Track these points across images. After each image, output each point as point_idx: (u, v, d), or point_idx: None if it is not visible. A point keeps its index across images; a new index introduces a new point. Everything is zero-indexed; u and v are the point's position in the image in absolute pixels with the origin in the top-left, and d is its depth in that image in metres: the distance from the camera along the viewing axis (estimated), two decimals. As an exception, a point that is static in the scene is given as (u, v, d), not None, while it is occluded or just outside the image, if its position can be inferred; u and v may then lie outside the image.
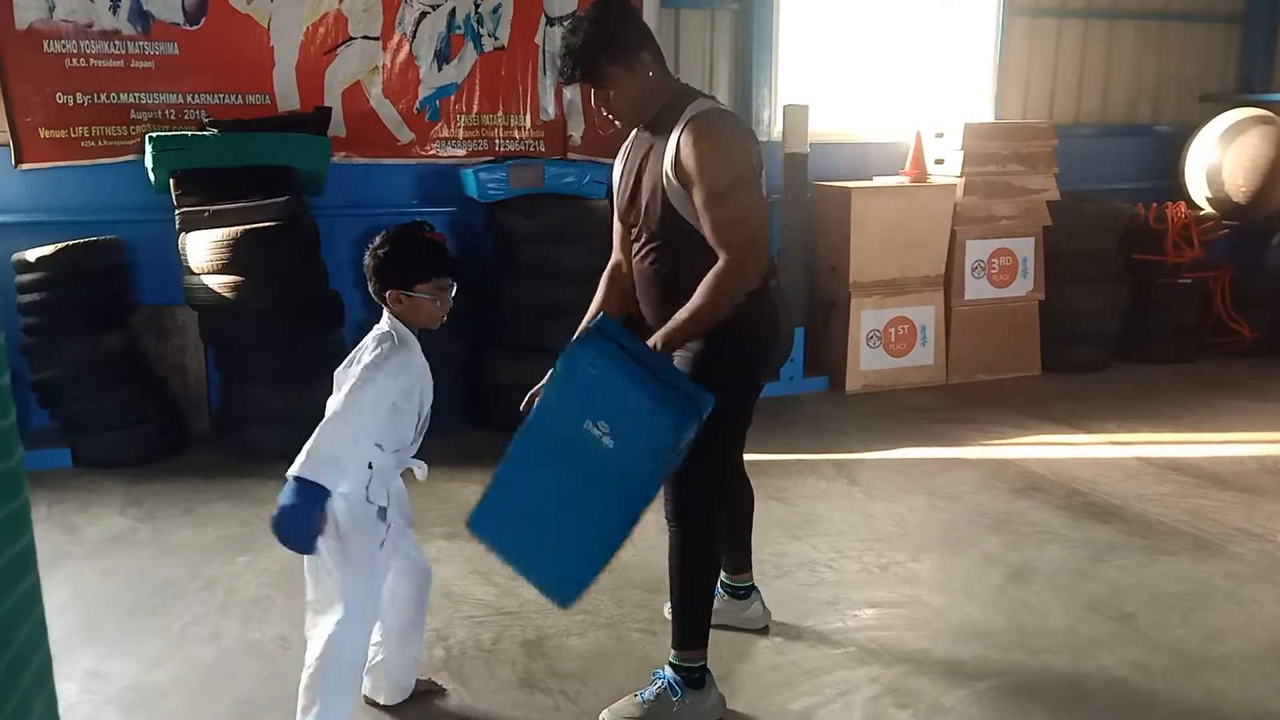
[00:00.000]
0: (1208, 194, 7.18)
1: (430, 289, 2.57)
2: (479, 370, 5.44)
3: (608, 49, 2.62)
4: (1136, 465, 4.93)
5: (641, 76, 2.66)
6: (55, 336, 4.82)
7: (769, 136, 6.48)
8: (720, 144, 2.59)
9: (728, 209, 2.55)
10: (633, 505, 2.43)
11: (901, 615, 3.45)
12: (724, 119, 2.64)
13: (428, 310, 2.59)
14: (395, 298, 2.57)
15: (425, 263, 2.58)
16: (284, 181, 5.04)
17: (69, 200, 5.22)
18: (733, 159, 2.59)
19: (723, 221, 2.55)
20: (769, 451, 5.03)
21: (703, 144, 2.56)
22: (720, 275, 2.55)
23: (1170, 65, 7.66)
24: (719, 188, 2.55)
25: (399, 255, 2.56)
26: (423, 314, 2.59)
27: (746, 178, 2.60)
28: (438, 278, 2.58)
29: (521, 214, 5.40)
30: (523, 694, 2.99)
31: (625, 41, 2.64)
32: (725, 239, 2.56)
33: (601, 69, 2.64)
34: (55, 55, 5.11)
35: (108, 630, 3.36)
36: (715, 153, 2.57)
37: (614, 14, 2.67)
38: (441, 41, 5.77)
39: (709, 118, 2.61)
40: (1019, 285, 6.63)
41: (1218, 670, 3.10)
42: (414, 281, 2.55)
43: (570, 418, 2.38)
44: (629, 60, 2.64)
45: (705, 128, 2.58)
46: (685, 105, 2.65)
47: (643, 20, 2.80)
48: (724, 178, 2.55)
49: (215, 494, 4.53)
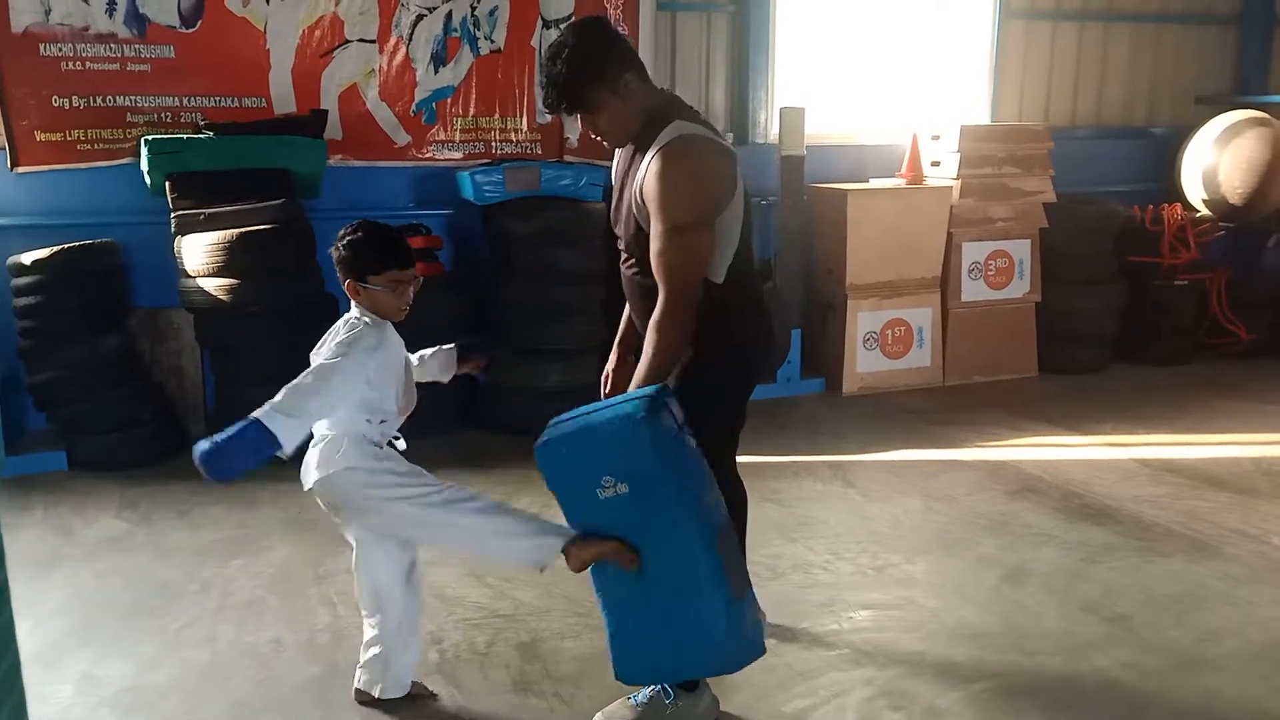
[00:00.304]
0: (1204, 196, 7.18)
1: (385, 281, 2.63)
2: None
3: (591, 77, 2.60)
4: (1132, 467, 4.93)
5: (626, 98, 2.64)
6: (51, 339, 4.83)
7: (765, 139, 6.49)
8: (681, 180, 2.56)
9: (672, 247, 2.56)
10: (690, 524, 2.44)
11: (896, 617, 3.45)
12: (692, 150, 2.59)
13: (385, 302, 2.66)
14: (353, 289, 2.65)
15: (379, 256, 2.64)
16: (280, 184, 5.05)
17: (65, 203, 5.22)
18: (691, 197, 2.57)
19: (664, 259, 2.57)
20: (765, 453, 5.03)
21: (666, 178, 2.55)
22: (657, 323, 2.58)
23: (1166, 67, 7.67)
24: (669, 225, 2.55)
25: (355, 248, 2.64)
26: (381, 306, 2.66)
27: (700, 218, 2.58)
28: (392, 270, 2.64)
29: (518, 216, 5.40)
30: (517, 697, 2.98)
31: (608, 66, 2.61)
32: (662, 277, 2.59)
33: (586, 98, 2.63)
34: (51, 58, 5.12)
35: (104, 632, 3.36)
36: (674, 189, 2.55)
37: (594, 38, 2.64)
38: (438, 44, 5.77)
39: (676, 149, 2.57)
40: (1015, 287, 6.64)
41: (1213, 671, 3.10)
42: (368, 274, 2.63)
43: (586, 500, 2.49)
44: (613, 84, 2.62)
45: (671, 160, 2.56)
46: (664, 126, 2.62)
47: (622, 36, 2.78)
48: (676, 216, 2.55)
49: (211, 497, 4.52)
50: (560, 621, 3.41)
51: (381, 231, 2.70)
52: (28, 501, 4.49)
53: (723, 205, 2.63)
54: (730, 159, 2.68)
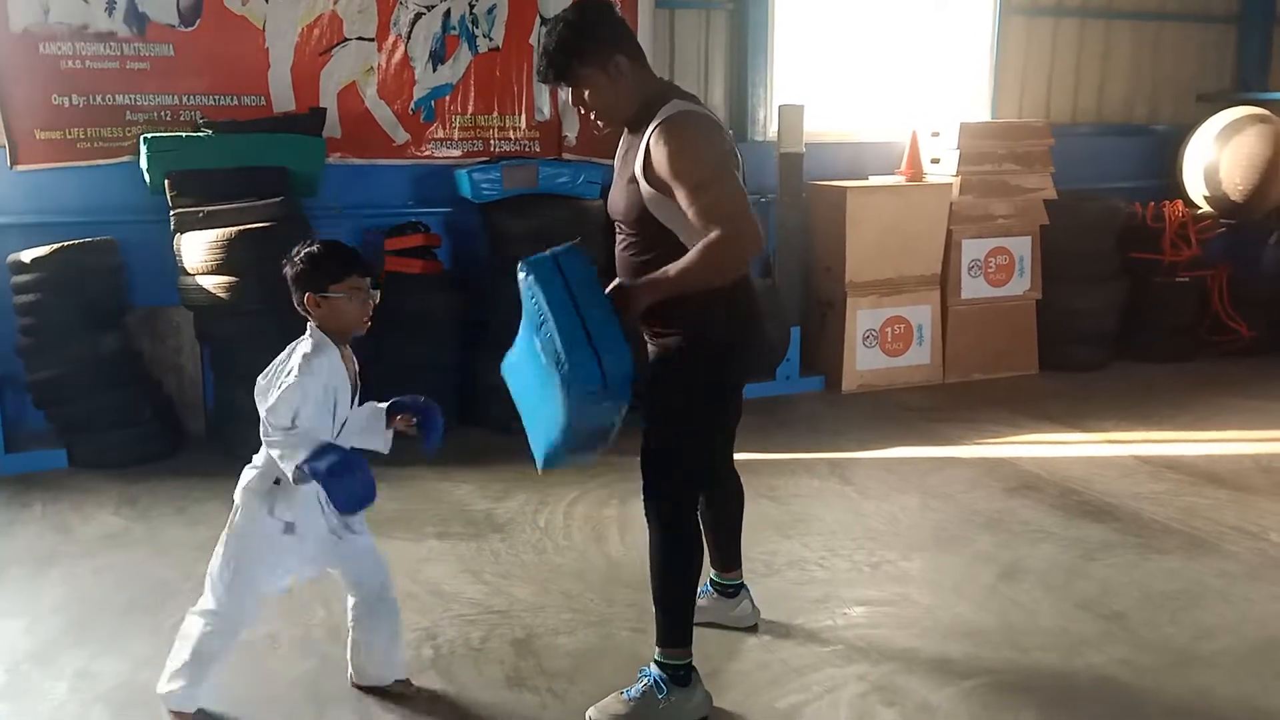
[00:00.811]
0: (1205, 193, 7.17)
1: (344, 288, 2.62)
2: (472, 370, 5.44)
3: (580, 50, 2.64)
4: (1132, 464, 4.93)
5: (615, 77, 2.67)
6: (51, 337, 4.84)
7: (764, 136, 6.48)
8: (691, 140, 2.58)
9: (710, 196, 2.53)
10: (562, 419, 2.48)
11: (891, 613, 3.45)
12: (693, 118, 2.63)
13: (347, 312, 2.64)
14: (313, 301, 2.63)
15: (338, 265, 2.64)
16: (279, 182, 5.06)
17: (65, 201, 5.23)
18: (705, 153, 2.59)
19: (707, 208, 2.53)
20: (763, 451, 5.03)
21: (674, 144, 2.56)
22: (711, 242, 2.51)
23: (1166, 65, 7.66)
24: (697, 181, 2.54)
25: (313, 259, 2.64)
26: (343, 316, 2.64)
27: (722, 168, 2.59)
28: (350, 277, 2.63)
29: (516, 214, 5.40)
30: (511, 692, 2.99)
31: (599, 43, 2.65)
32: (714, 221, 2.52)
33: (574, 70, 2.67)
34: (50, 57, 5.12)
35: (100, 629, 3.37)
36: (687, 149, 2.56)
37: (589, 16, 2.69)
38: (436, 42, 5.78)
39: (677, 119, 2.60)
40: (1016, 284, 6.63)
41: (1207, 668, 3.09)
42: (327, 283, 2.61)
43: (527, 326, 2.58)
44: (602, 61, 2.65)
45: (674, 128, 2.58)
46: (660, 106, 2.65)
47: (620, 20, 2.80)
48: (700, 171, 2.55)
49: (209, 494, 4.53)
50: (555, 618, 3.41)
51: (336, 243, 2.72)
52: (27, 499, 4.50)
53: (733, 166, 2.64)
54: (727, 136, 2.72)
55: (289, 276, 2.66)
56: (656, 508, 2.81)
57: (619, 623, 3.38)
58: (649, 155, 2.61)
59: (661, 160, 2.57)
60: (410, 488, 4.57)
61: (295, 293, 2.66)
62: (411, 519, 4.25)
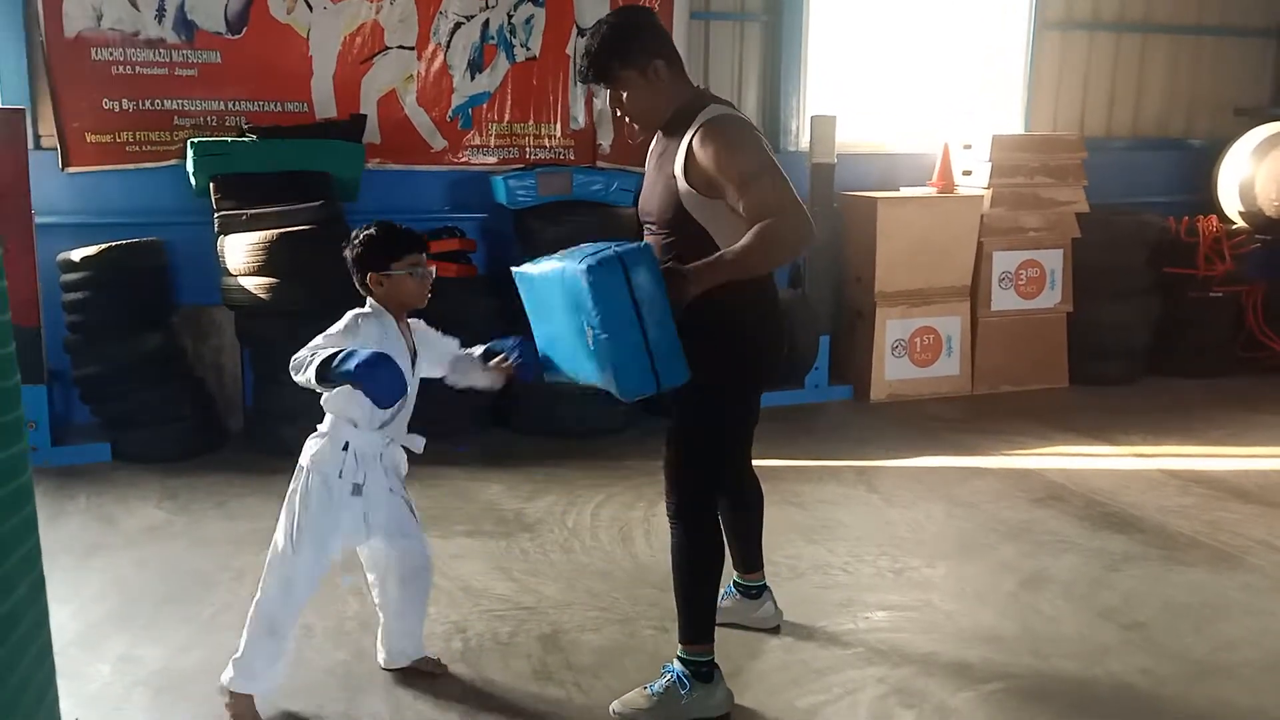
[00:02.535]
0: (1240, 208, 7.13)
1: (404, 265, 2.78)
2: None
3: (620, 53, 2.74)
4: (1160, 477, 4.93)
5: (654, 81, 2.76)
6: (97, 334, 4.98)
7: (797, 147, 6.54)
8: (735, 140, 2.67)
9: (760, 187, 2.61)
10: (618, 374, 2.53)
11: (913, 618, 3.49)
12: (734, 121, 2.72)
13: (408, 287, 2.80)
14: (376, 280, 2.79)
15: (395, 244, 2.80)
16: (320, 187, 5.18)
17: (113, 203, 5.39)
18: (750, 150, 2.68)
19: (759, 199, 2.60)
20: (791, 457, 5.08)
21: (719, 141, 2.65)
22: (768, 225, 2.57)
23: (1204, 79, 7.62)
24: (746, 175, 2.62)
25: (372, 241, 2.79)
26: (404, 292, 2.80)
27: (769, 162, 2.67)
28: (409, 254, 2.79)
29: (550, 221, 5.49)
30: (537, 685, 3.06)
31: (639, 47, 2.75)
32: (769, 210, 2.59)
33: (614, 71, 2.76)
34: (102, 63, 5.29)
35: (141, 617, 3.48)
36: (732, 148, 2.65)
37: (630, 20, 2.80)
38: (475, 51, 5.89)
39: (719, 122, 2.70)
40: (1047, 297, 6.63)
41: (1226, 679, 3.11)
42: (388, 261, 2.77)
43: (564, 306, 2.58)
44: (641, 64, 2.75)
45: (717, 130, 2.67)
46: (699, 110, 2.73)
47: (661, 27, 2.90)
48: (748, 165, 2.64)
49: (248, 489, 4.65)
50: (582, 615, 3.49)
51: (392, 224, 2.86)
52: (72, 491, 4.63)
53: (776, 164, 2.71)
54: (765, 142, 2.78)
55: (349, 259, 2.82)
56: (678, 508, 2.88)
57: (643, 621, 3.44)
58: (691, 155, 2.68)
59: (707, 158, 2.65)
60: (441, 487, 4.66)
61: (356, 273, 2.81)
62: (442, 517, 4.34)
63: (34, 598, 1.41)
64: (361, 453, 2.81)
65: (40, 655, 1.43)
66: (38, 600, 1.42)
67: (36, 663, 1.41)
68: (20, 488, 1.36)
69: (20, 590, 1.36)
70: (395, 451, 2.90)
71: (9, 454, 1.34)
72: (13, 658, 1.32)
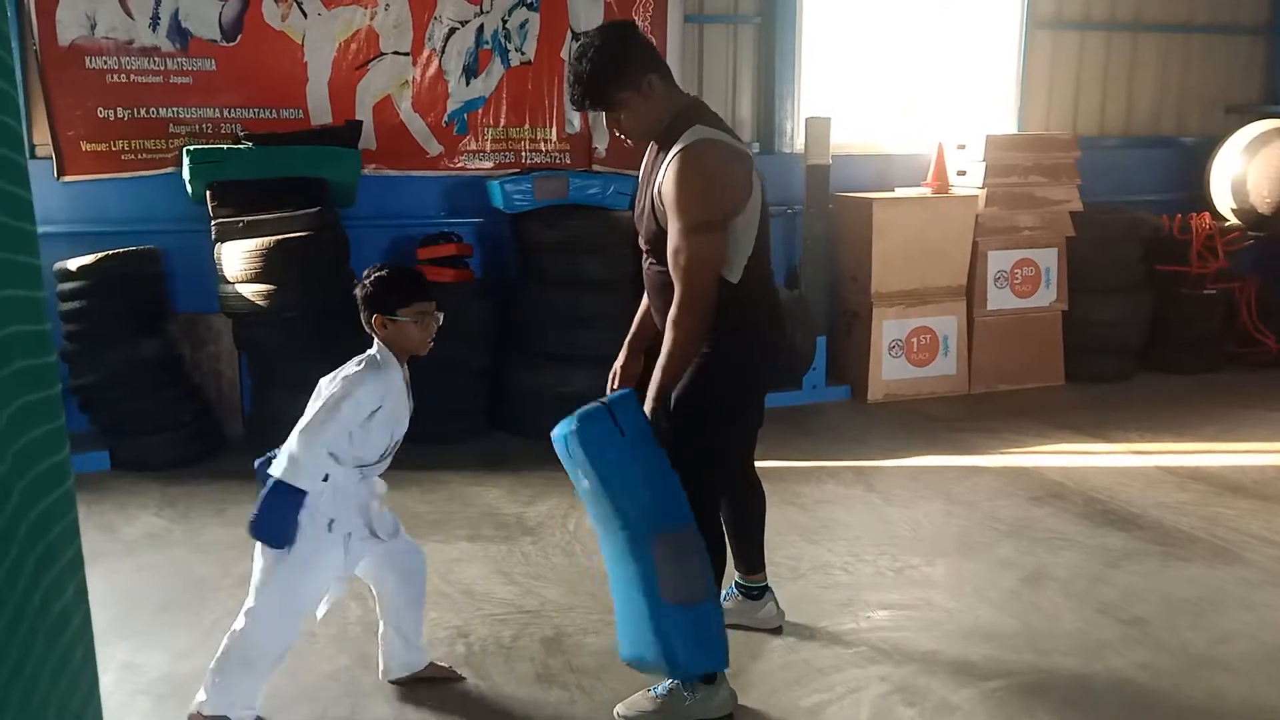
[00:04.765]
0: (1232, 205, 7.17)
1: (412, 313, 2.78)
2: (503, 377, 5.55)
3: (615, 76, 2.72)
4: (1156, 474, 4.95)
5: (649, 96, 2.76)
6: (95, 343, 4.98)
7: (791, 148, 6.56)
8: (697, 182, 2.67)
9: (688, 246, 2.66)
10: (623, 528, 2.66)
11: (913, 617, 3.51)
12: (707, 154, 2.69)
13: (411, 334, 2.81)
14: (380, 323, 2.79)
15: (407, 290, 2.81)
16: (316, 193, 5.19)
17: (109, 211, 5.39)
18: (706, 199, 2.68)
19: (680, 258, 2.68)
20: (789, 458, 5.09)
21: (682, 180, 2.66)
22: (674, 320, 2.70)
23: (1195, 77, 7.66)
24: (685, 225, 2.66)
25: (383, 284, 2.80)
26: (407, 338, 2.81)
27: (714, 219, 2.68)
28: (418, 303, 2.80)
29: (546, 225, 5.51)
30: (540, 688, 3.07)
31: (632, 66, 2.74)
32: (679, 275, 2.69)
33: (610, 95, 2.75)
34: (97, 71, 5.29)
35: (141, 624, 3.48)
36: (690, 191, 2.66)
37: (619, 39, 2.77)
38: (470, 56, 5.90)
39: (695, 151, 2.68)
40: (1042, 296, 6.66)
41: (1223, 672, 3.13)
42: (396, 306, 2.78)
43: None
44: (636, 83, 2.73)
45: (689, 163, 2.67)
46: (685, 128, 2.73)
47: (648, 41, 2.89)
48: (692, 216, 2.66)
49: (247, 495, 4.62)
50: (584, 618, 3.50)
51: (405, 268, 2.89)
52: (71, 499, 4.62)
53: (738, 208, 2.72)
54: (746, 164, 2.78)
55: (359, 297, 2.82)
56: (682, 510, 2.88)
57: (646, 623, 3.45)
58: (665, 180, 2.71)
59: (670, 189, 2.68)
60: (442, 491, 4.67)
61: (364, 312, 2.82)
62: (443, 522, 4.35)
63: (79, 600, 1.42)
64: (339, 486, 2.77)
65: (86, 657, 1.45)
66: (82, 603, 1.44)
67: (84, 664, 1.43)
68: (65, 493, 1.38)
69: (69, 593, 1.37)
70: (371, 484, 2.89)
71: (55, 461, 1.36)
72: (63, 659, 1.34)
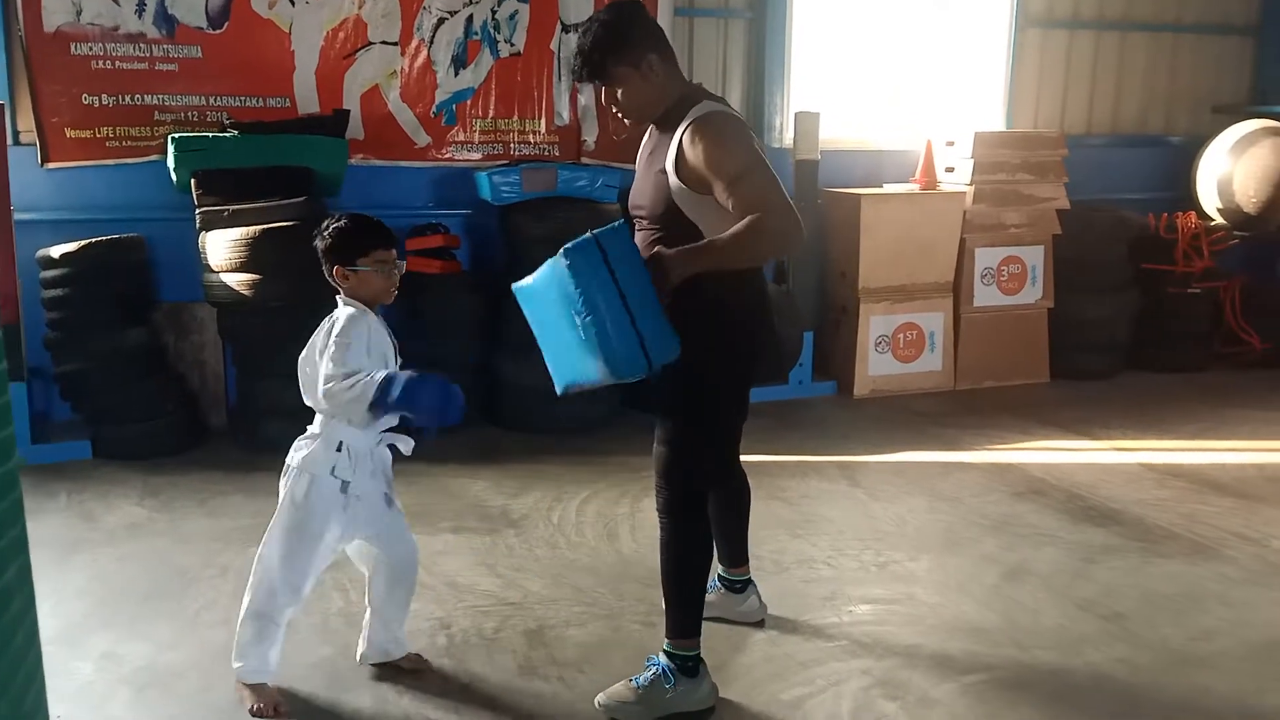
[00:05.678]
0: (1218, 204, 7.20)
1: (372, 262, 2.77)
2: (492, 369, 5.54)
3: (614, 49, 2.74)
4: (1138, 471, 4.97)
5: (648, 76, 2.76)
6: (78, 331, 4.95)
7: (780, 143, 6.56)
8: (724, 137, 2.68)
9: (749, 185, 2.62)
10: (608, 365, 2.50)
11: (896, 611, 3.52)
12: (725, 118, 2.73)
13: (374, 283, 2.80)
14: (341, 274, 2.79)
15: (365, 239, 2.79)
16: (302, 182, 5.16)
17: (93, 199, 5.36)
18: (739, 148, 2.68)
19: (748, 197, 2.61)
20: (774, 453, 5.10)
21: (708, 140, 2.65)
22: (759, 219, 2.57)
23: (1182, 76, 7.70)
24: (736, 172, 2.63)
25: (340, 234, 2.79)
26: (370, 288, 2.80)
27: (757, 161, 2.67)
28: (377, 251, 2.79)
29: (534, 217, 5.49)
30: (522, 680, 3.07)
31: (632, 42, 2.74)
32: (758, 208, 2.59)
33: (608, 68, 2.76)
34: (82, 57, 5.25)
35: (123, 614, 3.46)
36: (724, 144, 2.66)
37: (623, 16, 2.78)
38: (459, 47, 5.88)
39: (710, 118, 2.70)
40: (1028, 293, 6.68)
41: (1203, 668, 3.15)
42: (356, 256, 2.77)
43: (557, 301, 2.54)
44: (635, 60, 2.74)
45: (707, 126, 2.68)
46: (691, 106, 2.75)
47: (653, 21, 2.90)
48: (737, 163, 2.64)
49: (230, 486, 4.64)
50: (567, 610, 3.49)
51: (363, 217, 2.86)
52: (53, 488, 4.60)
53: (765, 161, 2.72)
54: (757, 141, 2.79)
55: (319, 249, 2.81)
56: (668, 504, 2.88)
57: (629, 616, 3.45)
58: (681, 151, 2.69)
59: (697, 155, 2.66)
60: (426, 483, 4.66)
61: (325, 265, 2.81)
62: (427, 513, 4.34)
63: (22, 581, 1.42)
64: (355, 450, 2.81)
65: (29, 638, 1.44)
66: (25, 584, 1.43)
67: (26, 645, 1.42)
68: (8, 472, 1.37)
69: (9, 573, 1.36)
70: (384, 451, 2.90)
71: None
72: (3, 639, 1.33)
